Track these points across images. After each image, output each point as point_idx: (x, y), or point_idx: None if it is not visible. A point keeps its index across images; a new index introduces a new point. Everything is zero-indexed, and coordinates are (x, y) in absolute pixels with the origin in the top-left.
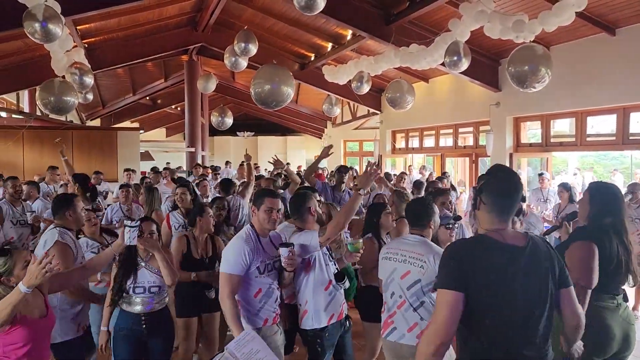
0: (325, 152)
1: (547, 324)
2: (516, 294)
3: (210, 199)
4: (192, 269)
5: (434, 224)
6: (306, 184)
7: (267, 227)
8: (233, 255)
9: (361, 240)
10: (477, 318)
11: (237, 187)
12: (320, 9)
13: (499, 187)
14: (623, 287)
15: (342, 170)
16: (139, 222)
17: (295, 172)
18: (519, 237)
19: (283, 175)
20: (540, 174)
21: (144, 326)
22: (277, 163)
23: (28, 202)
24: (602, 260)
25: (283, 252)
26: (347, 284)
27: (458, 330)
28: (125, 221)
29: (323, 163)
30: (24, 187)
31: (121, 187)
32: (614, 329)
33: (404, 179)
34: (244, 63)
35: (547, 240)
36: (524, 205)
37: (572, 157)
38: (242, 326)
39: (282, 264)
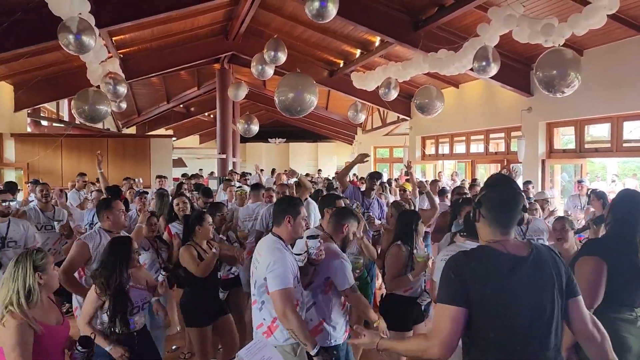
0: (361, 158)
1: (555, 335)
2: (520, 305)
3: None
4: (199, 280)
5: None
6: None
7: (300, 235)
8: (283, 269)
9: (362, 260)
10: (480, 331)
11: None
12: (332, 17)
13: (499, 200)
14: None
15: (374, 176)
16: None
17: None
18: (522, 247)
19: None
20: (580, 181)
21: (136, 342)
22: (290, 173)
23: (62, 209)
24: (612, 273)
25: (313, 243)
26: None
27: (463, 346)
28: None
29: (353, 170)
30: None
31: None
32: (631, 342)
33: (438, 186)
34: (270, 71)
35: (553, 249)
36: (526, 216)
37: (610, 163)
38: (315, 340)
39: (312, 256)
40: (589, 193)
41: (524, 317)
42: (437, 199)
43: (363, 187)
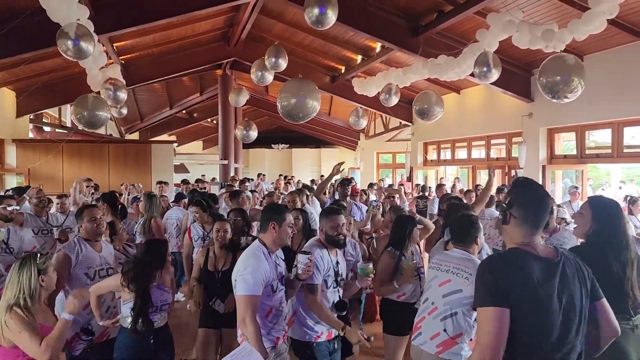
0: (337, 170)
1: (582, 339)
2: (554, 309)
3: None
4: (204, 281)
5: (480, 241)
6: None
7: (285, 243)
8: (252, 275)
9: (371, 265)
10: (512, 334)
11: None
12: (332, 24)
13: (530, 199)
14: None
15: (345, 183)
16: None
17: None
18: (551, 251)
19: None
20: (575, 187)
21: (152, 341)
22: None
23: (57, 213)
24: (599, 281)
25: (302, 259)
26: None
27: None
28: None
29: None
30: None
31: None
32: (629, 351)
33: (445, 191)
34: (270, 77)
35: (576, 255)
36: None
37: (615, 169)
38: (266, 350)
39: (298, 271)
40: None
41: (557, 321)
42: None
43: (365, 196)
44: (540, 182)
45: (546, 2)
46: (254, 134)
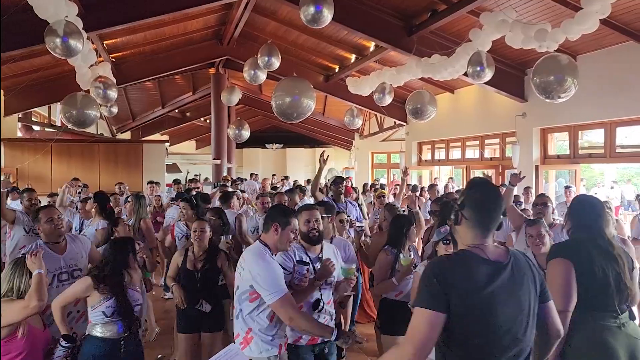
0: (323, 160)
1: (530, 341)
2: (501, 312)
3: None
4: (183, 281)
5: None
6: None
7: (285, 248)
8: (273, 278)
9: (354, 266)
10: (460, 338)
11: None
12: (327, 22)
13: (482, 201)
14: (628, 305)
15: (339, 181)
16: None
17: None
18: (501, 253)
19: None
20: (567, 187)
21: (122, 351)
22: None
23: None
24: (583, 277)
25: (301, 269)
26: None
27: (437, 351)
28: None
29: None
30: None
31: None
32: (618, 351)
33: (437, 191)
34: (263, 76)
35: (527, 255)
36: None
37: (609, 169)
38: (331, 328)
39: (295, 281)
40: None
41: (505, 324)
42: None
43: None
44: (533, 182)
45: (539, 2)
46: (246, 133)
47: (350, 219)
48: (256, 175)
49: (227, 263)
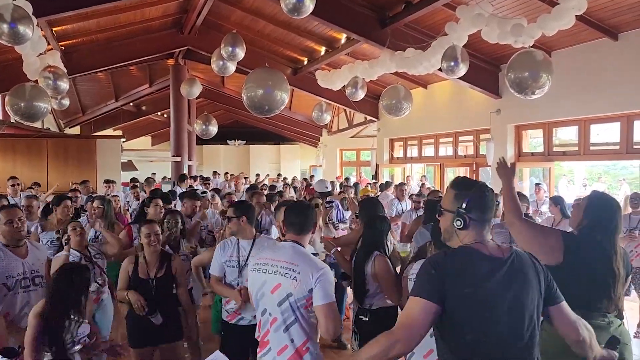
0: None
1: (532, 338)
2: (498, 308)
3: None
4: (133, 289)
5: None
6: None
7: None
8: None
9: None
10: (456, 333)
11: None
12: (309, 12)
13: (485, 202)
14: (616, 305)
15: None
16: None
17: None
18: (501, 249)
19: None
20: (537, 184)
21: None
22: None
23: None
24: (573, 276)
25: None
26: None
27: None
28: None
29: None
30: None
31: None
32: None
33: (405, 190)
34: (232, 67)
35: (534, 256)
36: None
37: (579, 166)
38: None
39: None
40: (550, 199)
41: (502, 320)
42: (405, 205)
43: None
44: None
45: None
46: (214, 129)
47: (333, 222)
48: (218, 174)
49: (182, 268)
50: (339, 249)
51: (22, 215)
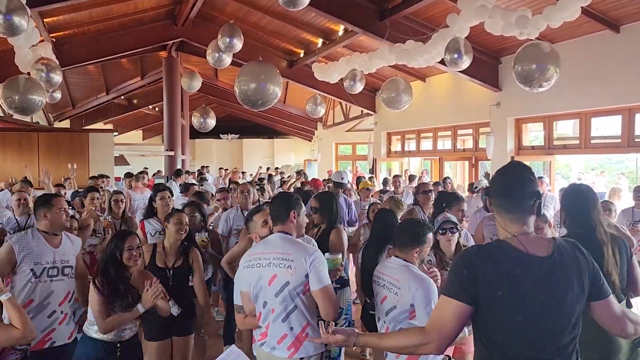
0: None
1: (571, 340)
2: (532, 309)
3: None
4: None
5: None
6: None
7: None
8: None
9: (339, 256)
10: (488, 333)
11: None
12: (305, 4)
13: (500, 186)
14: (624, 295)
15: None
16: None
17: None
18: (543, 245)
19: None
20: (540, 177)
21: (119, 355)
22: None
23: None
24: None
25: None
26: None
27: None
28: None
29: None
30: None
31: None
32: (621, 342)
33: (399, 183)
34: (228, 59)
35: (581, 247)
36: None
37: (575, 160)
38: None
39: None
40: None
41: (536, 325)
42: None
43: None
44: None
45: None
46: (212, 122)
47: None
48: (208, 167)
49: (199, 260)
50: None
51: (65, 206)
